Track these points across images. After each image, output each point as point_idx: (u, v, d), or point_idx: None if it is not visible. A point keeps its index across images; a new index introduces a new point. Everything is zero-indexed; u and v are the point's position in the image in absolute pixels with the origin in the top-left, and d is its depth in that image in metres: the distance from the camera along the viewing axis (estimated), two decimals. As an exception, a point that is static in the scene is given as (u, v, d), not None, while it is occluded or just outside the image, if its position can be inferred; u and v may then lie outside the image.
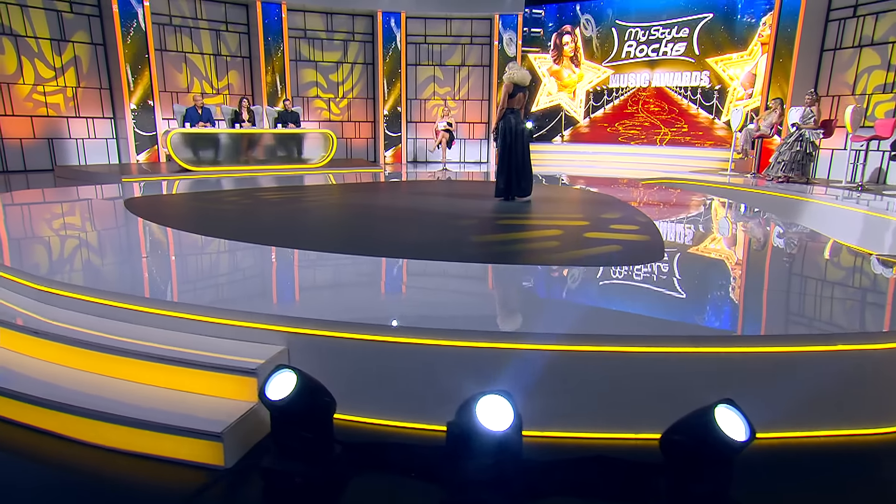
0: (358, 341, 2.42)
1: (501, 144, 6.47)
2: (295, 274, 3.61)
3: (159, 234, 4.65)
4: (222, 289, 3.23)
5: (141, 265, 3.59)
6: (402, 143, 14.16)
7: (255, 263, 3.82)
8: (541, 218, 5.31)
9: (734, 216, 6.14)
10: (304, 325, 2.54)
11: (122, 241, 4.52)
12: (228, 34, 12.67)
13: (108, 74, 11.35)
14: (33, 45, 10.42)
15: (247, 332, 2.66)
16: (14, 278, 3.25)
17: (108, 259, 3.87)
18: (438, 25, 14.06)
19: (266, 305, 2.89)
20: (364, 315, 2.74)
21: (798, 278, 3.65)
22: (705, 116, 13.47)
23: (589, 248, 3.90)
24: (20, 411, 2.54)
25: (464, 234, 4.60)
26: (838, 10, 9.99)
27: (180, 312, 2.77)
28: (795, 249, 4.43)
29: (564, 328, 2.41)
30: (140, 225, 5.00)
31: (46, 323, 2.84)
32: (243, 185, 8.19)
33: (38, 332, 2.77)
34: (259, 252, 4.05)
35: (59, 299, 3.04)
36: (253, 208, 5.97)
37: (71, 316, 2.92)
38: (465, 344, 2.33)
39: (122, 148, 11.61)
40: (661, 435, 1.92)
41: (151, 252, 4.03)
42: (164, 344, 2.65)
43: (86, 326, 2.80)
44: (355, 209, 6.20)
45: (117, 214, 5.58)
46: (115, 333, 2.75)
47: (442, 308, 2.93)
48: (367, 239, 4.45)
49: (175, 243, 4.38)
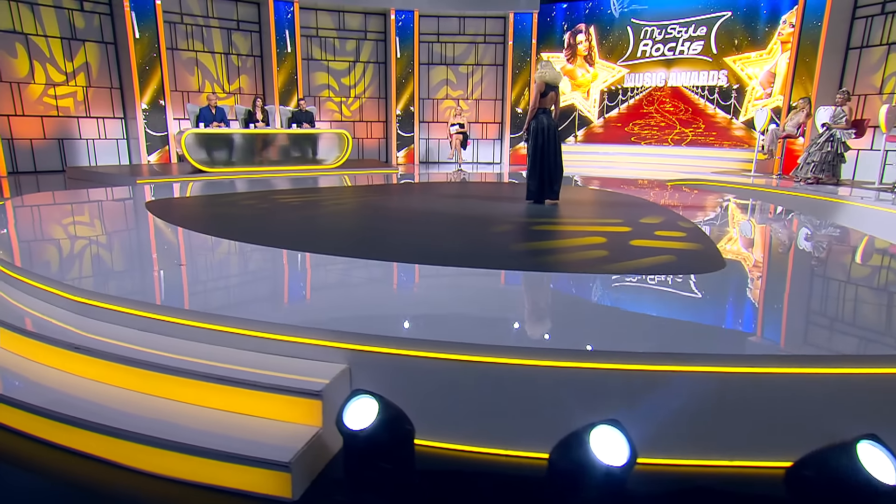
0: (439, 361, 2.22)
1: (532, 145, 6.27)
2: (346, 284, 3.39)
3: (192, 240, 4.45)
4: (271, 301, 3.03)
5: (181, 275, 3.39)
6: (414, 144, 13.96)
7: (303, 273, 3.63)
8: (578, 223, 5.11)
9: (783, 220, 5.86)
10: (372, 343, 2.35)
11: (156, 248, 4.31)
12: (240, 33, 12.48)
13: (119, 74, 11.16)
14: (44, 47, 10.23)
15: (304, 348, 2.47)
16: (52, 290, 3.06)
17: (145, 268, 3.67)
18: (451, 24, 13.87)
19: (321, 319, 2.69)
20: (434, 331, 2.55)
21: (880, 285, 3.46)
22: (723, 116, 13.27)
23: (640, 257, 3.69)
24: (61, 433, 2.35)
25: (504, 241, 4.40)
26: (866, 6, 9.79)
27: (231, 327, 2.58)
28: (867, 256, 4.24)
29: (660, 346, 2.21)
30: (169, 230, 4.81)
31: (88, 338, 2.65)
32: (261, 187, 8.00)
33: (79, 347, 2.58)
34: (302, 260, 3.85)
35: (101, 312, 2.85)
36: (281, 212, 5.78)
37: (113, 330, 2.73)
38: (566, 364, 2.12)
39: (133, 148, 11.42)
40: (788, 468, 1.73)
41: (190, 261, 3.82)
42: (215, 361, 2.47)
43: (130, 342, 2.62)
44: (386, 213, 6.00)
45: (143, 219, 5.37)
46: (162, 349, 2.56)
47: (516, 323, 2.72)
48: (411, 246, 4.25)
49: (211, 250, 4.18)
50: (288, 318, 2.66)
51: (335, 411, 2.32)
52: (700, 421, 2.10)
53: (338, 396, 2.33)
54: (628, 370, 2.04)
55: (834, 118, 8.05)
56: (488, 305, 2.89)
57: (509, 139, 14.17)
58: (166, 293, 3.05)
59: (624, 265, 3.50)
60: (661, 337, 2.45)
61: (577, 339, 2.45)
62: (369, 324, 2.66)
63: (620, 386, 2.06)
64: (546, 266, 3.56)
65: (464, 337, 2.36)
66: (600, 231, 4.56)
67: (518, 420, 2.15)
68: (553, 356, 2.13)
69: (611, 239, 4.24)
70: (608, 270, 3.41)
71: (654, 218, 5.30)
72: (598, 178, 10.19)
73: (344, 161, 10.57)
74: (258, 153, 10.06)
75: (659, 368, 2.05)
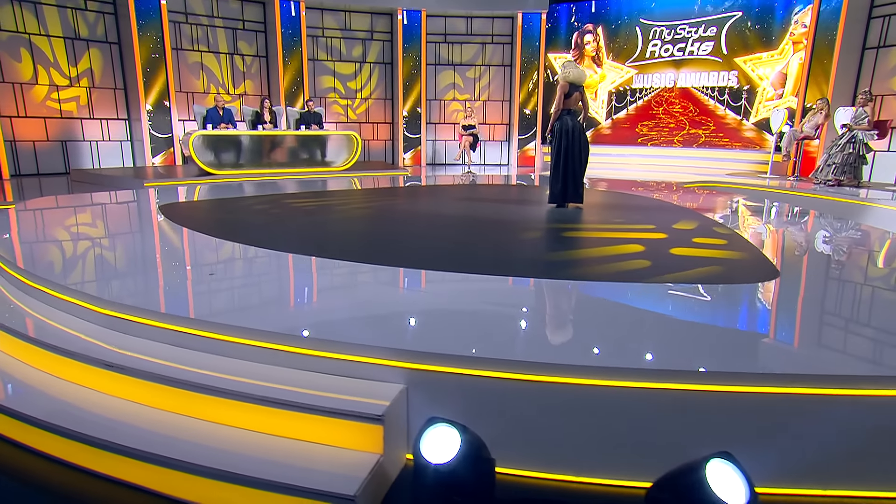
0: (516, 382, 2.05)
1: (556, 147, 6.11)
2: (387, 296, 3.18)
3: (215, 247, 4.27)
4: (312, 314, 2.84)
5: (214, 286, 3.22)
6: (421, 145, 13.80)
7: (339, 283, 3.45)
8: (609, 230, 4.92)
9: (826, 224, 5.65)
10: (436, 362, 2.18)
11: (180, 256, 4.12)
12: (245, 33, 12.29)
13: (123, 74, 10.97)
14: (47, 51, 10.02)
15: (356, 367, 2.30)
16: (78, 302, 2.88)
17: (173, 278, 3.48)
18: (459, 24, 13.72)
19: (370, 334, 2.52)
20: (502, 348, 2.37)
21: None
22: (733, 118, 13.15)
23: (687, 268, 3.52)
24: (97, 459, 2.18)
25: (537, 249, 4.23)
26: (883, 6, 9.68)
27: (275, 343, 2.41)
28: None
29: (768, 365, 2.05)
30: (190, 237, 4.63)
31: (121, 354, 2.47)
32: (273, 191, 7.82)
33: (112, 365, 2.41)
34: (336, 269, 3.66)
35: (131, 326, 2.67)
36: (299, 217, 5.60)
37: (146, 346, 2.55)
38: (669, 387, 1.95)
39: (137, 150, 11.22)
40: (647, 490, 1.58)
41: (222, 271, 3.62)
42: (259, 380, 2.29)
43: (166, 358, 2.44)
44: (407, 217, 5.82)
45: (161, 225, 5.19)
46: (201, 367, 2.39)
47: (594, 339, 2.52)
48: (442, 254, 4.08)
49: (237, 259, 4.01)
50: (334, 333, 2.49)
51: (395, 436, 2.15)
52: (844, 451, 1.94)
53: (397, 420, 2.17)
54: (743, 394, 1.88)
55: (856, 119, 7.92)
56: (550, 320, 2.71)
57: (517, 140, 14.01)
58: (200, 305, 2.87)
59: (675, 276, 3.33)
60: (767, 356, 2.30)
61: (669, 358, 2.26)
62: (424, 339, 2.48)
63: (736, 412, 1.89)
64: (590, 276, 3.39)
65: (537, 355, 2.19)
66: (635, 238, 4.40)
67: (609, 447, 1.99)
68: (653, 378, 1.96)
69: (649, 247, 4.07)
70: (660, 282, 3.25)
71: (686, 223, 5.15)
72: (608, 179, 10.06)
73: (353, 163, 10.40)
74: (266, 155, 9.88)
75: (786, 391, 1.88)
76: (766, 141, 12.72)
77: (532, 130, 13.97)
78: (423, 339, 2.52)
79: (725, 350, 2.35)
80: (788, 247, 4.60)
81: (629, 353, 2.31)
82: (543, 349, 2.42)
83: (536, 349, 2.41)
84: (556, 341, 2.55)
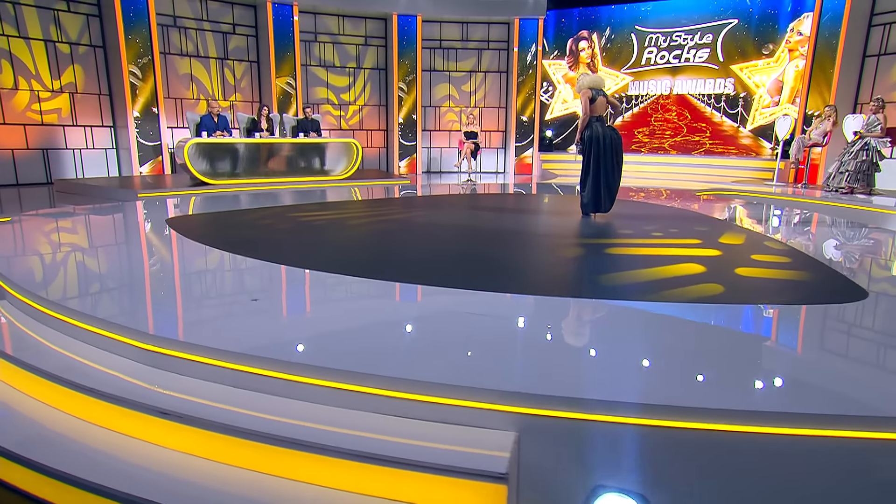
0: (670, 430, 1.76)
1: (588, 156, 5.89)
2: (475, 323, 2.79)
3: (243, 267, 3.90)
4: (395, 349, 2.46)
5: (266, 315, 2.86)
6: (417, 153, 13.50)
7: (413, 310, 3.07)
8: (652, 245, 4.62)
9: (882, 236, 5.39)
10: (558, 406, 1.88)
11: (213, 280, 3.74)
12: (236, 37, 11.87)
13: (109, 79, 10.45)
14: (26, 56, 9.48)
15: (457, 412, 1.99)
16: (117, 336, 2.51)
17: (211, 305, 3.13)
18: (454, 30, 13.50)
19: (458, 370, 2.21)
20: (627, 387, 2.09)
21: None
22: (730, 125, 13.15)
23: (766, 292, 3.26)
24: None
25: (588, 268, 3.90)
26: (883, 14, 9.73)
27: (359, 386, 2.08)
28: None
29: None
30: (212, 256, 4.25)
31: (171, 398, 2.12)
32: (282, 201, 7.46)
33: (168, 413, 2.05)
34: (389, 291, 3.33)
35: (179, 363, 2.32)
36: (324, 231, 5.26)
37: (202, 388, 2.20)
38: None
39: (124, 159, 10.70)
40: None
41: (266, 296, 3.23)
42: (336, 427, 1.97)
43: (224, 402, 2.10)
44: (434, 231, 5.47)
45: (178, 242, 4.77)
46: (269, 413, 2.05)
47: (750, 377, 2.17)
48: (500, 270, 3.79)
49: (278, 282, 3.65)
50: (424, 371, 2.17)
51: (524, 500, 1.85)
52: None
53: (512, 476, 1.87)
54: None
55: (868, 126, 7.88)
56: (690, 354, 2.39)
57: (514, 148, 13.82)
58: (256, 338, 2.52)
59: (754, 303, 3.09)
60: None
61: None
62: (535, 377, 2.14)
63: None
64: (665, 299, 3.12)
65: (722, 400, 1.88)
66: (688, 256, 4.11)
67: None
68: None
69: (710, 267, 3.74)
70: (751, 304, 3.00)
71: (731, 237, 4.93)
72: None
73: (353, 172, 10.05)
74: (263, 164, 9.48)
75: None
76: (763, 148, 12.74)
77: (529, 138, 13.79)
78: (535, 376, 2.17)
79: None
80: (856, 261, 4.34)
81: (820, 393, 2.03)
82: (724, 393, 2.07)
83: (714, 393, 2.05)
84: (723, 381, 2.14)
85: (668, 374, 2.17)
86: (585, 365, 2.29)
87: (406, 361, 2.27)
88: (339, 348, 2.40)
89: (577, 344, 2.61)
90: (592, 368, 2.24)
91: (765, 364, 2.28)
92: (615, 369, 2.20)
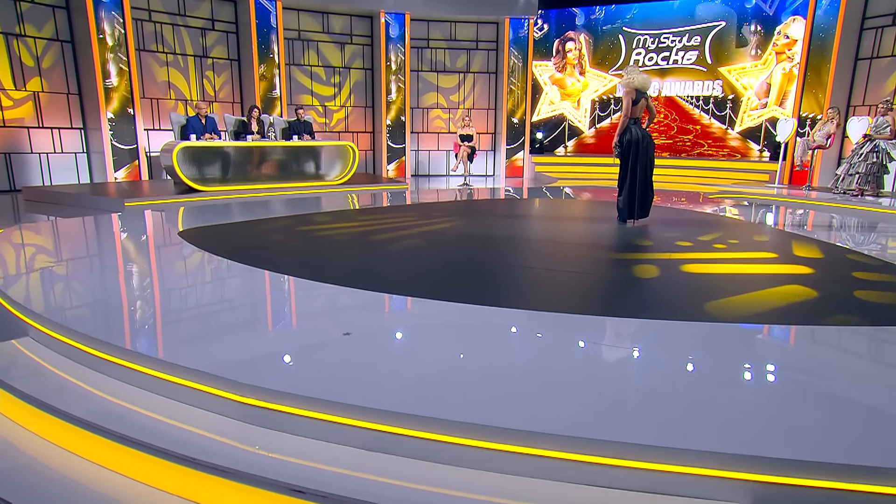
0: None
1: (625, 160, 5.62)
2: (650, 362, 2.44)
3: (318, 292, 3.39)
4: (568, 402, 2.02)
5: (362, 352, 2.41)
6: (405, 156, 13.05)
7: (564, 348, 2.62)
8: (725, 260, 4.25)
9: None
10: (806, 472, 1.53)
11: (282, 309, 3.21)
12: (215, 33, 11.18)
13: (78, 77, 9.63)
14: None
15: (657, 477, 1.62)
16: (204, 388, 2.04)
17: (298, 341, 2.64)
18: (442, 29, 13.13)
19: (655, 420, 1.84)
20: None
21: None
22: (718, 126, 13.23)
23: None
24: None
25: (682, 291, 3.52)
26: (874, 17, 9.88)
27: (528, 447, 1.69)
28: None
29: None
30: (257, 277, 3.75)
31: (274, 461, 1.68)
32: (293, 210, 6.93)
33: (303, 490, 1.62)
34: (520, 321, 2.91)
35: (282, 419, 1.88)
36: (377, 244, 4.80)
37: (319, 451, 1.77)
38: None
39: (96, 164, 9.88)
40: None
41: (355, 328, 2.70)
42: (514, 501, 1.59)
43: (350, 469, 1.68)
44: (476, 241, 5.02)
45: (207, 260, 4.22)
46: (410, 480, 1.65)
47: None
48: (594, 290, 3.44)
49: (359, 310, 3.17)
50: (602, 429, 1.78)
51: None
52: None
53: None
54: None
55: (876, 128, 7.91)
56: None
57: (505, 150, 13.54)
58: (367, 386, 2.08)
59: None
60: None
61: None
62: (754, 434, 1.75)
63: None
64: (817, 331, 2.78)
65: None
66: (781, 275, 3.74)
67: None
68: None
69: (821, 289, 3.38)
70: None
71: (803, 248, 4.62)
72: (609, 190, 9.70)
73: (350, 177, 9.55)
74: (255, 168, 8.87)
75: None
76: (752, 150, 12.86)
77: (520, 140, 13.54)
78: (767, 433, 1.76)
79: None
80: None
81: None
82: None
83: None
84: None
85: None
86: (824, 417, 1.91)
87: (586, 419, 1.87)
88: (494, 398, 1.98)
89: (803, 388, 2.16)
90: (836, 420, 1.88)
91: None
92: (867, 424, 1.85)
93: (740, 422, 1.82)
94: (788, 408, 1.91)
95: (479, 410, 1.86)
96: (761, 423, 1.82)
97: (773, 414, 1.87)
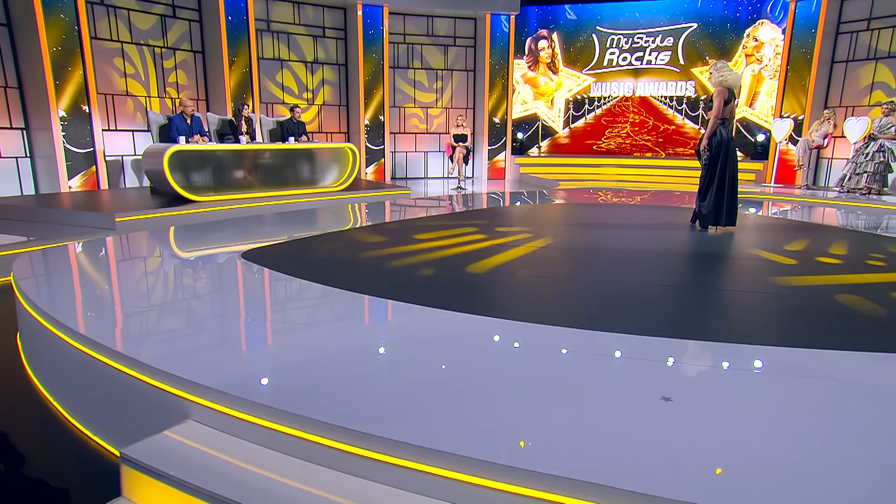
0: None
1: (713, 163, 5.32)
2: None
3: (530, 339, 2.73)
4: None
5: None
6: (385, 158, 12.28)
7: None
8: (840, 270, 4.10)
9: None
10: None
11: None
12: (178, 21, 9.91)
13: (17, 69, 8.14)
14: None
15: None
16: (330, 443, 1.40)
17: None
18: (419, 24, 12.47)
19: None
20: None
21: None
22: (691, 126, 13.50)
23: None
24: None
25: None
26: (849, 22, 10.34)
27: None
28: None
29: None
30: (415, 314, 3.03)
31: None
32: (325, 223, 6.09)
33: None
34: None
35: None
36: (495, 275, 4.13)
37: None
38: None
39: (42, 170, 8.41)
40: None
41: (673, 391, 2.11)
42: None
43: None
44: (586, 256, 4.54)
45: (323, 294, 3.41)
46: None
47: None
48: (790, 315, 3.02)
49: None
50: None
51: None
52: None
53: None
54: None
55: (881, 128, 8.19)
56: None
57: (486, 151, 13.10)
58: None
59: None
60: None
61: None
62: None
63: None
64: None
65: None
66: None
67: None
68: None
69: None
70: None
71: (878, 255, 4.51)
72: (605, 191, 9.54)
73: (350, 182, 8.74)
74: (248, 173, 7.86)
75: None
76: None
77: (502, 140, 13.15)
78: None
79: None
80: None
81: None
82: None
83: None
84: None
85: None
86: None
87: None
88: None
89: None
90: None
91: None
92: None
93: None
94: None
95: None
96: None
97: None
